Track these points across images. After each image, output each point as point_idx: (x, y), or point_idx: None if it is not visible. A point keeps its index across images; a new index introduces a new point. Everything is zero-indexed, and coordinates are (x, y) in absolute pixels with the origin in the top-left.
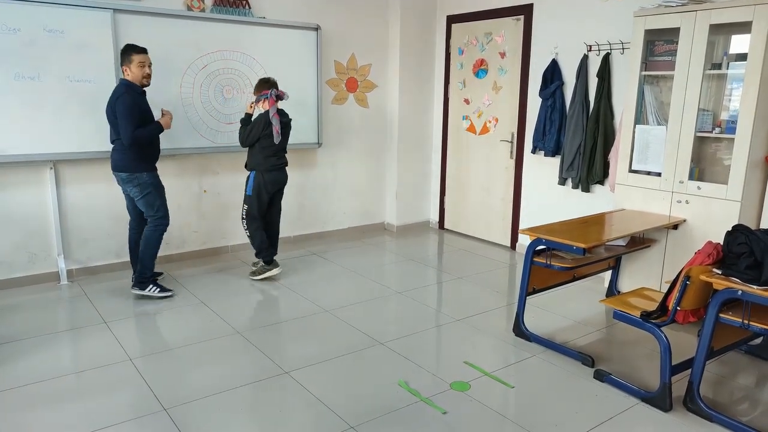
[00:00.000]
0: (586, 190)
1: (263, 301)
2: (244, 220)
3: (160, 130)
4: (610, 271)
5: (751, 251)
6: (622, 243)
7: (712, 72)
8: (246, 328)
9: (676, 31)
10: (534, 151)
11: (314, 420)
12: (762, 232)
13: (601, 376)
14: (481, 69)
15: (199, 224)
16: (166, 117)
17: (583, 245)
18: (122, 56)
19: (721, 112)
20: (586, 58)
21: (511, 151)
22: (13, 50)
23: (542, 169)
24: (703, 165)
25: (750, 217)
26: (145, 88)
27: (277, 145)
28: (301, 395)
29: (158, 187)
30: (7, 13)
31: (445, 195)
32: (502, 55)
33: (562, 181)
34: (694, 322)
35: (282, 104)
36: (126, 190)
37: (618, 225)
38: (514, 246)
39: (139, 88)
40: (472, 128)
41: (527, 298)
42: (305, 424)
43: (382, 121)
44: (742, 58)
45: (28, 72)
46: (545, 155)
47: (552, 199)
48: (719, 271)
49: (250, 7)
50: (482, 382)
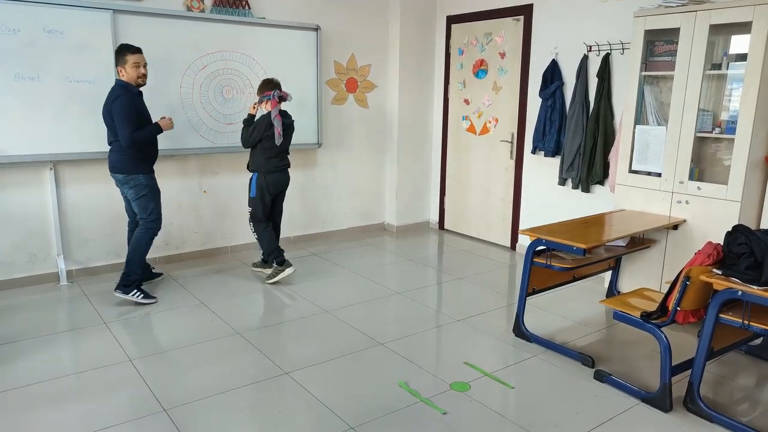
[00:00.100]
0: (586, 190)
1: (263, 301)
2: (251, 222)
3: (158, 131)
4: (610, 272)
5: (751, 251)
6: (622, 243)
7: (712, 72)
8: (246, 328)
9: (676, 32)
10: (534, 152)
11: (314, 420)
12: (762, 233)
13: (601, 377)
14: (481, 69)
15: (199, 225)
16: (166, 119)
17: (583, 245)
18: (116, 57)
19: (721, 113)
20: (586, 59)
21: (511, 152)
22: (13, 51)
23: (542, 170)
24: (703, 165)
25: (750, 218)
26: (140, 88)
27: (279, 147)
28: (301, 396)
29: (154, 190)
30: (7, 13)
31: (445, 195)
32: (502, 55)
33: (562, 182)
34: (694, 323)
35: (283, 105)
36: (123, 191)
37: (618, 225)
38: (514, 246)
39: (136, 89)
40: (472, 128)
41: (527, 298)
42: (305, 424)
43: (382, 122)
44: (742, 58)
45: (28, 72)
46: (545, 155)
47: (552, 200)
48: (719, 272)
49: (249, 8)
50: (482, 383)
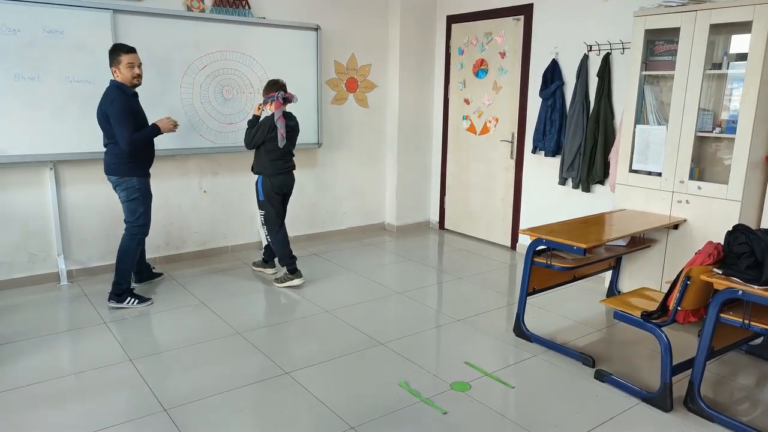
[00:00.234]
0: (587, 190)
1: (263, 301)
2: (264, 226)
3: (157, 132)
4: (611, 271)
5: (752, 251)
6: (623, 243)
7: (713, 72)
8: (246, 328)
9: (676, 31)
10: (534, 151)
11: (315, 420)
12: (762, 232)
13: (601, 377)
14: (481, 69)
15: (199, 224)
16: (165, 120)
17: (584, 245)
18: (110, 57)
19: (722, 112)
20: (586, 58)
21: (512, 151)
22: (13, 51)
23: (542, 169)
24: (704, 165)
25: (750, 217)
26: (136, 89)
27: (283, 149)
28: (301, 396)
29: (146, 195)
30: (7, 13)
31: (445, 195)
32: (502, 55)
33: (563, 181)
34: (695, 322)
35: (288, 106)
36: (116, 193)
37: (618, 225)
38: (514, 246)
39: (131, 90)
40: (472, 128)
41: (528, 298)
42: (306, 424)
43: (382, 122)
44: (742, 58)
45: (28, 72)
46: (545, 155)
47: (552, 199)
48: (720, 271)
49: (250, 8)
50: (483, 383)
